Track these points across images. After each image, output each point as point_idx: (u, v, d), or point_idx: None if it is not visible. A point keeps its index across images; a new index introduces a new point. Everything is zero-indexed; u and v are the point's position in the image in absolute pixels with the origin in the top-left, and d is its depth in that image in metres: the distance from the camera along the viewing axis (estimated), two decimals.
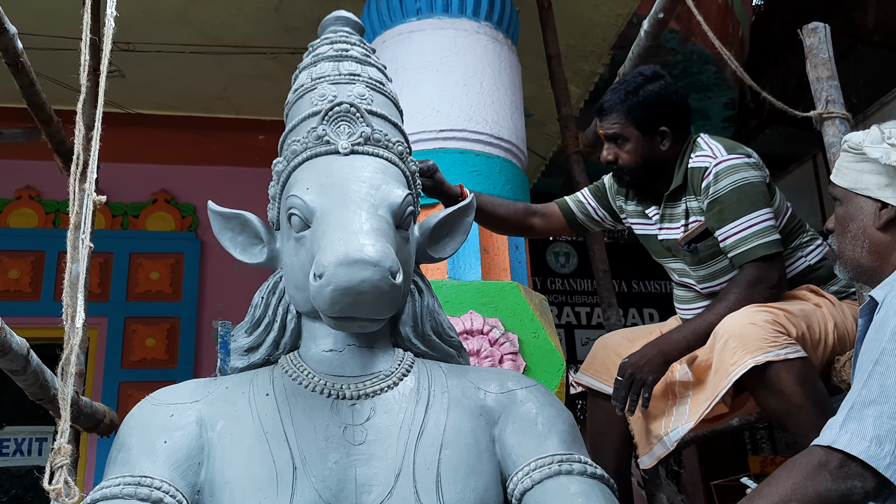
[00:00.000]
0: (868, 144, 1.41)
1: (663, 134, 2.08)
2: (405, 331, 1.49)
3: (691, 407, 1.99)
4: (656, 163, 2.11)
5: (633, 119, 2.07)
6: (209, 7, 3.99)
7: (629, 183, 2.17)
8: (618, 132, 2.10)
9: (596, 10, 4.25)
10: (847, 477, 1.13)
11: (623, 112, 2.08)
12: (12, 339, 1.64)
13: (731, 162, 1.99)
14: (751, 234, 1.93)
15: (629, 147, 2.10)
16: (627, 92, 2.08)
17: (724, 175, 1.97)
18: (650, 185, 2.17)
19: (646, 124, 2.07)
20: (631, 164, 2.11)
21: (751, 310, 1.84)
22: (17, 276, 4.58)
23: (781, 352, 1.75)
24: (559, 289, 7.00)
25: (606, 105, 2.12)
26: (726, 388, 1.82)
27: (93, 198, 1.24)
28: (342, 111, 1.46)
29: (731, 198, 1.96)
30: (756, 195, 1.96)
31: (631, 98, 2.07)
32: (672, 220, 2.14)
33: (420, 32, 3.09)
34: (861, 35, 5.93)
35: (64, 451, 1.08)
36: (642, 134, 2.08)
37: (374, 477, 1.27)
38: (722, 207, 1.97)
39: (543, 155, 5.59)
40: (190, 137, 4.91)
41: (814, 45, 2.11)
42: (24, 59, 2.21)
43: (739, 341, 1.78)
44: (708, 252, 2.06)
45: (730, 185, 1.96)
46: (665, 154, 2.10)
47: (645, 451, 2.13)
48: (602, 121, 2.14)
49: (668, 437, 2.02)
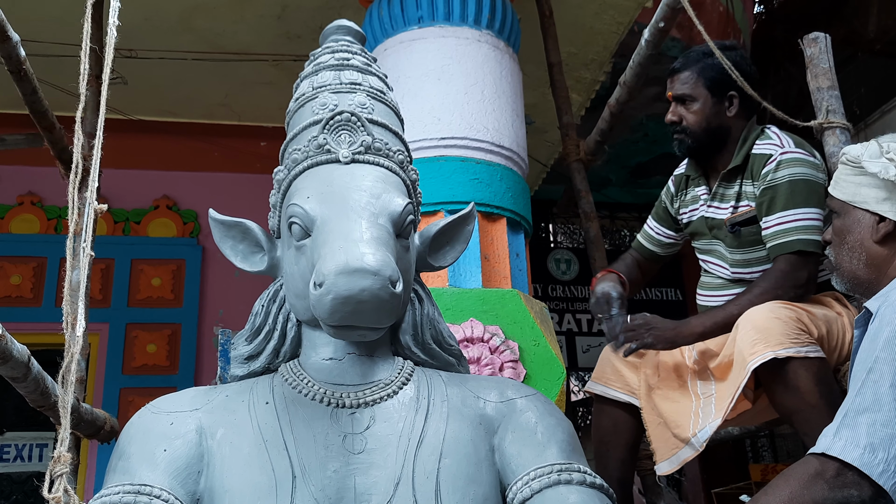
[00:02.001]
0: (867, 159, 1.41)
1: (731, 99, 2.11)
2: (405, 339, 1.49)
3: (716, 405, 1.97)
4: (720, 129, 2.12)
5: (705, 79, 2.11)
6: (212, 14, 4.01)
7: (689, 147, 2.17)
8: (688, 92, 2.13)
9: (597, 18, 4.26)
10: (843, 486, 1.14)
11: (696, 70, 2.12)
12: (13, 347, 1.64)
13: (796, 155, 1.99)
14: (793, 228, 1.93)
15: (696, 108, 2.12)
16: (703, 53, 2.13)
17: (786, 165, 1.98)
18: (708, 155, 2.17)
19: (717, 85, 2.10)
20: (695, 125, 2.12)
21: (776, 304, 1.84)
22: (19, 281, 4.59)
23: (802, 349, 1.75)
24: (560, 296, 7.00)
25: (679, 65, 2.16)
26: (746, 378, 1.81)
27: (94, 207, 1.25)
28: (343, 120, 1.47)
29: (786, 188, 1.96)
30: (811, 193, 1.96)
31: (706, 59, 2.11)
32: (723, 200, 2.14)
33: (421, 41, 3.10)
34: (862, 43, 5.94)
35: (63, 459, 1.08)
36: (711, 95, 2.11)
37: (374, 486, 1.27)
38: (774, 196, 1.97)
39: (545, 162, 5.60)
40: (192, 144, 4.92)
41: (814, 54, 2.11)
42: (27, 66, 2.22)
43: (762, 334, 1.78)
44: (750, 238, 2.06)
45: (788, 175, 1.97)
46: (730, 122, 2.12)
47: (666, 456, 2.09)
48: (673, 81, 2.16)
49: (696, 439, 1.99)
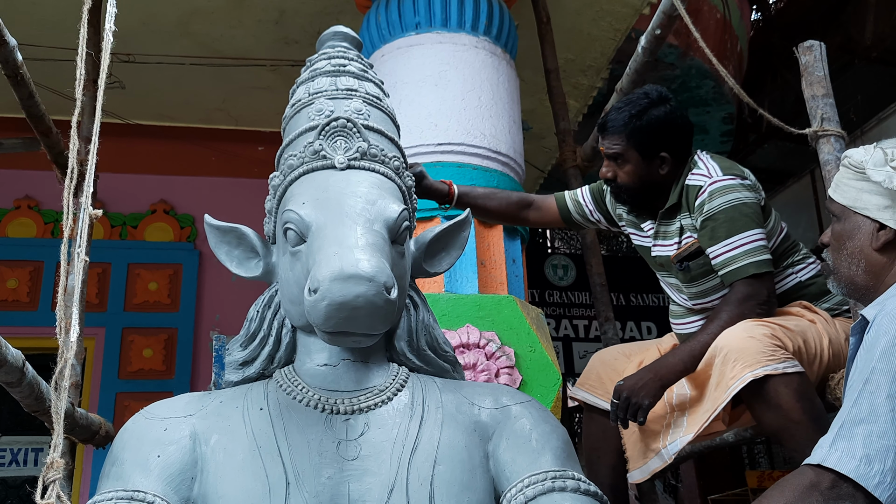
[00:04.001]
0: (871, 167, 1.40)
1: (663, 159, 2.09)
2: (400, 345, 1.49)
3: (689, 420, 1.99)
4: (654, 185, 2.12)
5: (634, 142, 2.07)
6: (209, 19, 4.01)
7: (626, 201, 2.19)
8: (618, 152, 2.10)
9: (594, 24, 4.27)
10: (838, 498, 1.13)
11: (625, 134, 2.08)
12: (7, 352, 1.64)
13: (725, 182, 2.00)
14: (741, 253, 1.95)
15: (628, 168, 2.10)
16: (631, 115, 2.08)
17: (719, 194, 1.99)
18: (647, 203, 2.18)
19: (647, 149, 2.08)
20: (629, 184, 2.12)
21: (749, 324, 1.85)
22: (16, 285, 4.58)
23: (780, 366, 1.75)
24: (557, 301, 6.99)
25: (609, 125, 2.12)
26: (725, 402, 1.82)
27: (89, 212, 1.25)
28: (339, 126, 1.47)
29: (723, 217, 1.97)
30: (748, 215, 1.97)
31: (634, 121, 2.07)
32: (666, 238, 2.15)
33: (419, 47, 3.10)
34: (859, 51, 5.96)
35: (57, 465, 1.08)
36: (642, 157, 2.09)
37: (368, 492, 1.27)
38: (715, 226, 1.98)
39: (542, 168, 5.61)
40: (189, 148, 4.92)
41: (809, 62, 2.12)
42: (24, 70, 2.22)
43: (738, 354, 1.78)
44: (700, 270, 2.07)
45: (723, 204, 1.98)
46: (663, 177, 2.11)
47: (638, 465, 2.13)
48: (604, 139, 2.14)
49: (665, 451, 2.03)
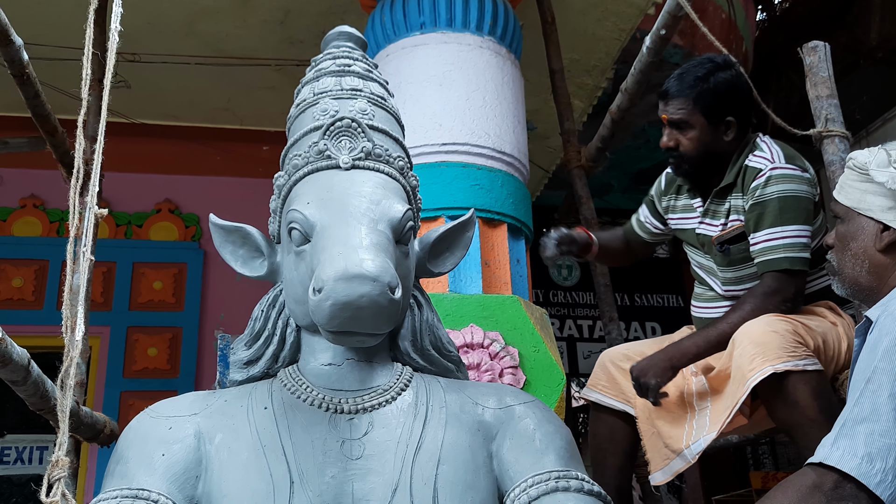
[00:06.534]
0: (875, 168, 1.40)
1: (728, 124, 2.04)
2: (404, 345, 1.50)
3: (711, 417, 1.95)
4: (717, 154, 2.06)
5: (701, 106, 2.02)
6: (215, 19, 4.02)
7: (686, 171, 2.12)
8: (683, 118, 2.04)
9: (599, 25, 4.27)
10: (841, 498, 1.13)
11: (692, 98, 2.02)
12: (13, 350, 1.65)
13: (785, 171, 1.95)
14: (781, 245, 1.91)
15: (692, 134, 2.05)
16: (697, 77, 2.03)
17: (776, 182, 1.94)
18: (705, 178, 2.12)
19: (714, 112, 2.02)
20: (691, 151, 2.06)
21: (771, 318, 1.82)
22: (21, 284, 4.60)
23: (800, 362, 1.73)
24: (561, 301, 6.99)
25: (673, 90, 2.06)
26: (745, 395, 1.79)
27: (94, 211, 1.25)
28: (343, 126, 1.47)
29: (774, 205, 1.93)
30: (799, 209, 1.93)
31: (701, 84, 2.02)
32: (714, 217, 2.11)
33: (423, 46, 3.11)
34: (864, 51, 5.94)
35: (62, 463, 1.09)
36: (708, 122, 2.03)
37: (371, 492, 1.27)
38: (763, 212, 1.94)
39: (546, 168, 5.60)
40: (194, 148, 4.93)
41: (813, 63, 2.12)
42: (30, 70, 2.23)
43: (759, 348, 1.76)
44: (739, 255, 2.04)
45: (777, 192, 1.93)
46: (727, 146, 2.05)
47: (659, 466, 2.08)
48: (666, 105, 2.07)
49: (688, 450, 1.97)
